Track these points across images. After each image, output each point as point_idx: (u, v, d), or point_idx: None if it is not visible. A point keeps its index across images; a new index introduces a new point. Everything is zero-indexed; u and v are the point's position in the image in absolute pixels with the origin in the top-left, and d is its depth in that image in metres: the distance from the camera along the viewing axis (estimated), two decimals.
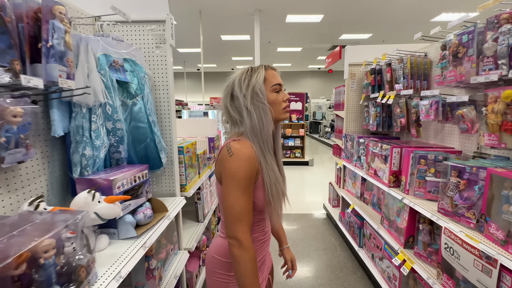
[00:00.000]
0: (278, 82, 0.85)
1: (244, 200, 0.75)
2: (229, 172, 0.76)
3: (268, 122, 0.81)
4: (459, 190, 1.17)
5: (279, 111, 0.85)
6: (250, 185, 0.77)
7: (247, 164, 0.75)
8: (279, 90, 0.85)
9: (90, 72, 1.00)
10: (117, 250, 0.89)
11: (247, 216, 0.76)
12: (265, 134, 0.81)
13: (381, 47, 2.46)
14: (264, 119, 0.80)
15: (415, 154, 1.49)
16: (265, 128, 0.80)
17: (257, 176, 0.79)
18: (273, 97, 0.83)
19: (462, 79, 1.28)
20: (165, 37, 1.33)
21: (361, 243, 2.28)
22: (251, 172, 0.76)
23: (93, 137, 1.02)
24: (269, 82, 0.83)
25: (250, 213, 0.77)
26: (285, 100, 0.86)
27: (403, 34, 8.22)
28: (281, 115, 0.86)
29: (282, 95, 0.85)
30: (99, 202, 0.84)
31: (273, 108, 0.83)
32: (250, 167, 0.76)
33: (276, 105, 0.84)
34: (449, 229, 1.14)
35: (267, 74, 0.84)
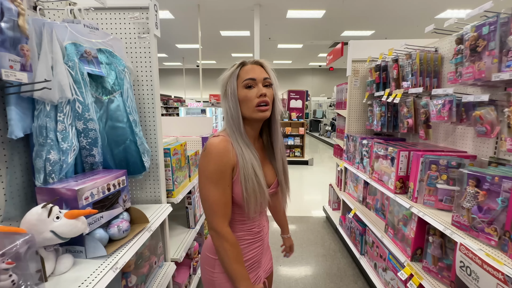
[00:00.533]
0: (249, 76, 0.79)
1: (216, 193, 0.78)
2: (200, 167, 0.79)
3: (237, 119, 0.80)
4: (477, 201, 1.03)
5: (250, 108, 0.80)
6: (223, 179, 0.78)
7: (217, 158, 0.77)
8: (251, 85, 0.79)
9: (55, 63, 0.86)
10: (82, 272, 0.76)
11: (221, 208, 0.79)
12: (237, 129, 0.81)
13: (387, 42, 2.31)
14: (234, 115, 0.80)
15: (426, 159, 1.35)
16: (235, 123, 0.80)
17: (234, 171, 0.80)
18: (243, 93, 0.79)
19: (481, 76, 1.14)
20: (149, 26, 1.19)
21: (362, 251, 2.16)
22: (223, 166, 0.77)
23: (59, 139, 0.89)
24: (241, 77, 0.80)
25: (225, 205, 0.79)
26: (259, 96, 0.78)
27: (407, 31, 8.04)
28: (252, 113, 0.80)
29: (256, 90, 0.79)
30: (58, 218, 0.70)
31: (242, 105, 0.80)
32: (220, 161, 0.77)
33: (245, 102, 0.79)
34: (466, 245, 1.00)
35: (243, 69, 0.80)
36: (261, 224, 0.92)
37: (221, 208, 0.78)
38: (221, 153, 0.77)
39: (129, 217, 1.02)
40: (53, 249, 0.75)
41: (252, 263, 0.90)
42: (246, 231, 0.88)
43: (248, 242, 0.89)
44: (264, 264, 0.98)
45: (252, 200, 0.79)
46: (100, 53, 1.02)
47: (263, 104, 0.78)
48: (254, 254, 0.90)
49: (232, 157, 0.78)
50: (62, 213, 0.72)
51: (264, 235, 0.94)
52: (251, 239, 0.89)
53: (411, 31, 7.97)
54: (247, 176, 0.78)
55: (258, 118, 0.80)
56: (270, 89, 0.82)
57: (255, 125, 0.86)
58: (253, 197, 0.79)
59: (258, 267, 0.93)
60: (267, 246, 0.99)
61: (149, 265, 1.21)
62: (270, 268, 1.03)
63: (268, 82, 0.81)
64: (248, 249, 0.89)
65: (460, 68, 1.31)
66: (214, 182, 0.77)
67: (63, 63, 0.88)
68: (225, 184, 0.78)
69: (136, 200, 1.31)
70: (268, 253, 1.01)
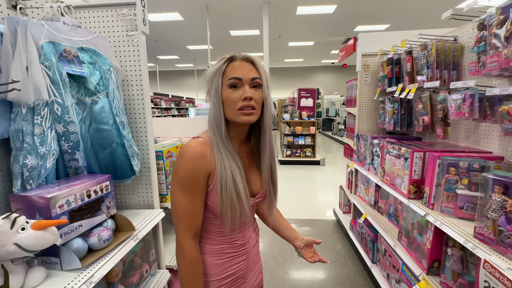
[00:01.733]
0: (235, 75, 0.70)
1: (184, 201, 0.71)
2: (173, 170, 0.74)
3: (219, 120, 0.72)
4: (505, 211, 0.88)
5: (232, 111, 0.71)
6: (194, 186, 0.70)
7: (189, 162, 0.70)
8: (236, 85, 0.70)
9: (30, 63, 0.81)
10: (54, 287, 0.71)
11: (187, 217, 0.72)
12: (218, 131, 0.73)
13: (400, 33, 2.14)
14: (217, 116, 0.72)
15: (443, 161, 1.20)
16: (216, 125, 0.73)
17: (210, 178, 0.72)
18: (226, 94, 0.71)
19: (509, 65, 0.98)
20: (137, 23, 1.13)
21: (374, 259, 2.01)
22: (194, 173, 0.70)
23: (37, 143, 0.84)
24: (226, 75, 0.71)
25: (192, 215, 0.72)
26: (243, 99, 0.69)
27: (424, 23, 7.61)
28: (235, 116, 0.71)
29: (241, 92, 0.70)
30: (23, 230, 0.65)
31: (225, 107, 0.72)
32: (193, 166, 0.69)
33: (228, 104, 0.71)
34: (491, 263, 0.86)
35: (230, 66, 0.72)
36: (245, 236, 0.83)
37: (187, 217, 0.71)
38: (195, 158, 0.69)
39: (113, 224, 0.96)
40: (22, 262, 0.70)
41: (235, 279, 0.82)
42: (227, 244, 0.79)
43: (230, 256, 0.80)
44: (251, 280, 0.88)
45: (228, 211, 0.71)
46: (82, 52, 0.97)
47: (247, 108, 0.69)
48: (237, 269, 0.81)
49: (209, 163, 0.71)
50: (29, 223, 0.67)
51: (250, 248, 0.85)
52: (233, 252, 0.80)
53: (429, 23, 7.54)
54: (224, 186, 0.70)
55: (241, 123, 0.71)
56: (259, 90, 0.72)
57: (240, 129, 0.77)
58: (231, 209, 0.71)
59: (243, 283, 0.84)
60: (255, 259, 0.89)
61: (139, 274, 1.15)
62: (259, 283, 0.93)
63: (256, 82, 0.71)
64: (229, 263, 0.80)
65: (483, 57, 1.15)
66: (183, 188, 0.70)
67: (39, 63, 0.83)
68: (195, 192, 0.71)
69: (128, 205, 1.26)
70: (256, 267, 0.91)
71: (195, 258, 0.73)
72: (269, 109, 0.75)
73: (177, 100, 12.75)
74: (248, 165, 0.82)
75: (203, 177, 0.71)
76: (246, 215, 0.74)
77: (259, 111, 0.73)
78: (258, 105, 0.72)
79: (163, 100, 11.25)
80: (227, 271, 0.79)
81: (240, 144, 0.81)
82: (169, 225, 1.84)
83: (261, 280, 0.95)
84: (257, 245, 0.92)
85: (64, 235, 0.77)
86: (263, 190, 0.82)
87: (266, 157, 0.78)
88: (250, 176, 0.81)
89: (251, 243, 0.86)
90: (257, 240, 0.91)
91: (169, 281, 1.41)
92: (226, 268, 0.79)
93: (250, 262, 0.86)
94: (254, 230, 0.89)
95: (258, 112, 0.73)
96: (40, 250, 0.68)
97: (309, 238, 0.94)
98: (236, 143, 0.79)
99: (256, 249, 0.90)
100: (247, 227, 0.84)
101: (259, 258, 0.94)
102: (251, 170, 0.82)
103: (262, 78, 0.72)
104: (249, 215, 0.76)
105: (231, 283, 0.81)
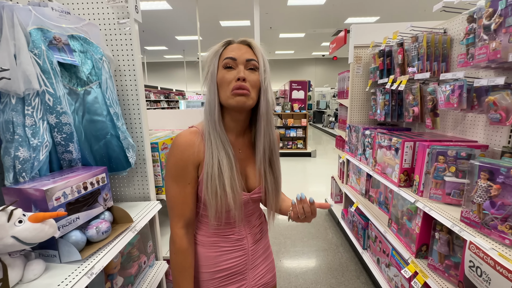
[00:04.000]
0: (229, 55, 0.68)
1: (174, 190, 0.72)
2: (166, 159, 0.75)
3: (213, 105, 0.70)
4: (490, 196, 0.94)
5: (226, 93, 0.68)
6: (183, 176, 0.71)
7: (178, 151, 0.71)
8: (230, 66, 0.68)
9: (18, 51, 0.77)
10: (54, 279, 0.70)
11: (178, 206, 0.73)
12: (211, 118, 0.70)
13: (392, 25, 2.17)
14: (211, 100, 0.70)
15: (432, 150, 1.25)
16: (211, 110, 0.70)
17: (199, 167, 0.72)
18: (221, 74, 0.68)
19: (496, 57, 1.02)
20: (129, 11, 1.09)
21: (365, 245, 2.09)
22: (183, 162, 0.70)
23: (28, 135, 0.81)
24: (222, 56, 0.69)
25: (182, 204, 0.73)
26: (237, 80, 0.66)
27: (414, 15, 7.71)
28: (228, 99, 0.68)
29: (235, 73, 0.67)
30: (21, 222, 0.64)
31: (220, 89, 0.69)
32: (181, 155, 0.70)
33: (222, 86, 0.69)
34: (476, 244, 0.92)
35: (227, 49, 0.70)
36: (242, 232, 0.80)
37: (178, 206, 0.72)
38: (183, 147, 0.70)
39: (111, 217, 0.96)
40: (20, 255, 0.69)
41: (230, 275, 0.79)
42: (221, 237, 0.78)
43: (225, 250, 0.78)
44: (254, 278, 0.84)
45: (213, 203, 0.69)
46: (72, 39, 0.93)
47: (240, 89, 0.65)
48: (233, 264, 0.79)
49: (197, 152, 0.70)
50: (26, 216, 0.66)
51: (249, 245, 0.82)
52: (228, 247, 0.78)
53: (419, 15, 7.64)
54: (209, 176, 0.68)
55: (233, 105, 0.67)
56: (255, 73, 0.69)
57: (236, 115, 0.73)
58: (215, 200, 0.68)
59: (243, 279, 0.82)
60: (257, 257, 0.85)
61: (138, 265, 1.16)
62: (267, 283, 0.88)
63: (252, 64, 0.68)
64: (223, 257, 0.78)
65: (472, 49, 1.19)
66: (173, 177, 0.71)
67: (28, 50, 0.79)
68: (185, 182, 0.71)
69: (124, 198, 1.25)
70: (261, 266, 0.87)
71: (184, 248, 0.73)
72: (265, 94, 0.70)
73: (166, 93, 12.47)
74: (246, 158, 0.78)
75: (192, 166, 0.70)
76: (231, 209, 0.70)
77: (254, 96, 0.69)
78: (253, 88, 0.68)
79: (152, 92, 10.98)
80: (221, 265, 0.78)
81: (237, 135, 0.78)
82: (165, 217, 1.83)
83: (271, 280, 0.90)
84: (263, 243, 0.88)
85: (61, 228, 0.76)
86: (261, 186, 0.77)
87: (261, 148, 0.73)
88: (248, 170, 0.78)
89: (251, 240, 0.82)
90: (261, 238, 0.87)
91: (166, 272, 1.42)
92: (219, 262, 0.77)
93: (250, 259, 0.82)
94: (257, 226, 0.86)
95: (254, 96, 0.69)
96: (38, 242, 0.67)
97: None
98: (233, 133, 0.76)
99: (259, 246, 0.86)
100: (244, 222, 0.80)
101: (268, 257, 0.90)
102: (248, 164, 0.78)
103: (259, 61, 0.69)
104: (237, 210, 0.71)
105: (226, 278, 0.79)
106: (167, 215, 1.85)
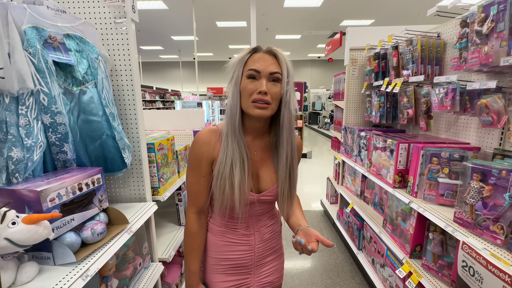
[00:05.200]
0: (254, 67, 0.70)
1: (191, 179, 0.80)
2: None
3: (234, 110, 0.73)
4: (482, 197, 0.96)
5: (247, 102, 0.71)
6: (198, 168, 0.78)
7: (195, 147, 0.78)
8: (254, 76, 0.70)
9: (12, 50, 0.76)
10: (48, 282, 0.69)
11: (192, 194, 0.81)
12: (231, 122, 0.74)
13: (387, 28, 2.20)
14: (233, 105, 0.73)
15: (426, 151, 1.27)
16: (232, 115, 0.73)
17: (214, 163, 0.78)
18: (244, 83, 0.71)
19: (488, 61, 1.05)
20: (125, 10, 1.08)
21: (360, 246, 2.10)
22: (199, 155, 0.77)
23: (22, 135, 0.80)
24: (247, 65, 0.71)
25: (196, 193, 0.80)
26: (258, 92, 0.69)
27: (408, 19, 7.84)
28: (248, 108, 0.72)
29: (257, 84, 0.70)
30: (14, 224, 0.63)
31: (242, 96, 0.72)
32: (198, 150, 0.77)
33: (244, 94, 0.72)
34: (469, 244, 0.93)
35: (252, 57, 0.72)
36: (251, 228, 0.84)
37: (193, 194, 0.80)
38: (200, 144, 0.77)
39: (106, 218, 0.95)
40: (13, 257, 0.68)
41: (235, 266, 0.84)
42: (228, 229, 0.83)
43: (230, 242, 0.83)
44: (260, 275, 0.87)
45: (219, 198, 0.75)
46: (68, 39, 0.92)
47: (260, 102, 0.69)
48: (238, 256, 0.83)
49: (212, 150, 0.77)
50: (20, 218, 0.64)
51: (257, 243, 0.84)
52: (235, 239, 0.83)
53: (412, 19, 7.77)
54: (221, 173, 0.74)
55: (253, 115, 0.71)
56: (277, 85, 0.71)
57: (254, 121, 0.76)
58: (221, 197, 0.75)
59: (247, 273, 0.85)
60: (266, 256, 0.88)
61: (133, 267, 1.14)
62: (272, 282, 0.90)
63: (276, 77, 0.70)
64: (229, 248, 0.83)
65: (465, 53, 1.22)
66: (190, 168, 0.80)
67: (23, 49, 0.78)
68: (199, 174, 0.78)
69: (119, 199, 1.24)
70: (269, 265, 0.89)
71: (195, 231, 0.81)
72: (288, 106, 0.72)
73: (162, 93, 12.39)
74: (260, 160, 0.80)
75: (206, 161, 0.77)
76: (236, 207, 0.74)
77: (274, 107, 0.72)
78: (274, 100, 0.71)
79: (147, 92, 10.89)
80: (226, 255, 0.83)
81: (254, 137, 0.80)
82: (160, 218, 1.82)
83: (276, 280, 0.92)
84: (273, 243, 0.89)
85: (56, 229, 0.75)
86: (273, 188, 0.80)
87: (283, 156, 0.76)
88: (261, 172, 0.80)
89: (258, 238, 0.84)
90: (271, 238, 0.88)
91: (162, 274, 1.41)
92: (225, 251, 0.83)
93: (256, 256, 0.85)
94: (267, 226, 0.87)
95: (274, 107, 0.72)
96: (32, 244, 0.66)
97: (311, 231, 0.73)
98: (250, 135, 0.79)
99: (268, 246, 0.87)
100: (252, 220, 0.83)
101: (277, 258, 0.92)
102: (263, 165, 0.80)
103: (283, 73, 0.70)
104: (241, 208, 0.74)
105: (230, 268, 0.83)
106: (162, 216, 1.84)
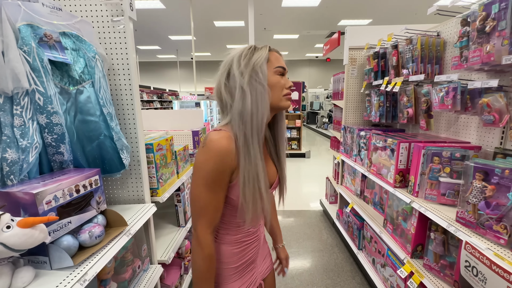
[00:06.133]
0: (282, 65, 0.75)
1: (208, 196, 0.69)
2: (197, 164, 0.70)
3: (264, 107, 0.69)
4: (485, 196, 0.95)
5: (279, 96, 0.73)
6: (219, 182, 0.69)
7: (217, 159, 0.67)
8: (283, 73, 0.75)
9: (7, 48, 0.74)
10: (45, 287, 0.67)
11: (210, 212, 0.71)
12: (257, 121, 0.68)
13: (386, 28, 2.19)
14: (260, 103, 0.69)
15: (427, 151, 1.27)
16: (259, 113, 0.68)
17: (233, 174, 0.71)
18: (275, 79, 0.72)
19: (490, 60, 1.04)
20: (123, 8, 1.06)
21: (360, 246, 2.10)
22: (221, 168, 0.68)
23: (17, 135, 0.78)
24: (272, 63, 0.73)
25: (214, 210, 0.71)
26: (287, 87, 0.75)
27: (405, 19, 7.86)
28: (281, 102, 0.74)
29: (285, 80, 0.75)
30: (8, 228, 0.61)
31: (272, 92, 0.72)
32: (220, 162, 0.67)
33: (276, 89, 0.72)
34: (472, 244, 0.93)
35: (271, 55, 0.74)
36: (257, 223, 0.87)
37: (210, 213, 0.70)
38: (223, 153, 0.66)
39: (104, 220, 0.93)
40: (8, 262, 0.66)
41: (248, 265, 0.85)
42: (244, 233, 0.82)
43: (246, 243, 0.83)
44: (261, 264, 0.92)
45: (250, 206, 0.70)
46: (64, 37, 0.90)
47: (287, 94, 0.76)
48: (251, 255, 0.85)
49: (234, 159, 0.68)
50: (15, 221, 0.62)
51: (260, 234, 0.89)
52: (248, 240, 0.83)
53: (410, 18, 7.79)
54: (248, 182, 0.68)
55: (285, 106, 0.75)
56: None
57: (271, 115, 0.78)
58: (252, 204, 0.70)
59: (254, 267, 0.88)
60: (263, 242, 0.93)
61: (132, 270, 1.12)
62: (268, 267, 0.96)
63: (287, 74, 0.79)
64: (245, 251, 0.83)
65: (466, 52, 1.21)
66: (208, 183, 0.68)
67: (17, 47, 0.76)
68: (219, 188, 0.69)
69: (117, 201, 1.22)
70: (263, 250, 0.94)
71: (212, 253, 0.74)
72: None
73: (159, 93, 12.32)
74: (264, 156, 0.81)
75: (228, 173, 0.69)
76: (266, 210, 0.74)
77: None
78: None
79: (145, 92, 10.82)
80: (242, 259, 0.83)
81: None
82: (159, 219, 1.80)
83: (270, 264, 0.99)
84: (263, 227, 0.96)
85: (52, 233, 0.73)
86: (277, 180, 0.85)
87: (283, 144, 0.83)
88: (267, 166, 0.80)
89: (261, 229, 0.90)
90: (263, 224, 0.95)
91: (161, 276, 1.39)
92: (242, 256, 0.82)
93: (260, 245, 0.90)
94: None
95: None
96: (27, 249, 0.64)
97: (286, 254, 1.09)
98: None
99: (263, 231, 0.94)
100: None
101: (265, 241, 0.98)
102: (266, 160, 0.82)
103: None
104: (270, 209, 0.78)
105: (244, 269, 0.84)
106: (161, 218, 1.82)
